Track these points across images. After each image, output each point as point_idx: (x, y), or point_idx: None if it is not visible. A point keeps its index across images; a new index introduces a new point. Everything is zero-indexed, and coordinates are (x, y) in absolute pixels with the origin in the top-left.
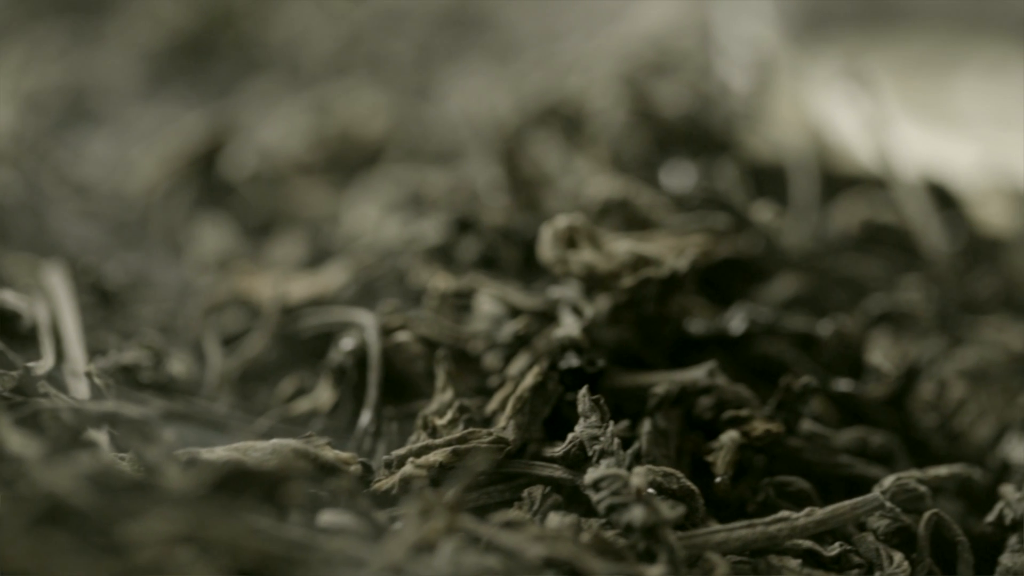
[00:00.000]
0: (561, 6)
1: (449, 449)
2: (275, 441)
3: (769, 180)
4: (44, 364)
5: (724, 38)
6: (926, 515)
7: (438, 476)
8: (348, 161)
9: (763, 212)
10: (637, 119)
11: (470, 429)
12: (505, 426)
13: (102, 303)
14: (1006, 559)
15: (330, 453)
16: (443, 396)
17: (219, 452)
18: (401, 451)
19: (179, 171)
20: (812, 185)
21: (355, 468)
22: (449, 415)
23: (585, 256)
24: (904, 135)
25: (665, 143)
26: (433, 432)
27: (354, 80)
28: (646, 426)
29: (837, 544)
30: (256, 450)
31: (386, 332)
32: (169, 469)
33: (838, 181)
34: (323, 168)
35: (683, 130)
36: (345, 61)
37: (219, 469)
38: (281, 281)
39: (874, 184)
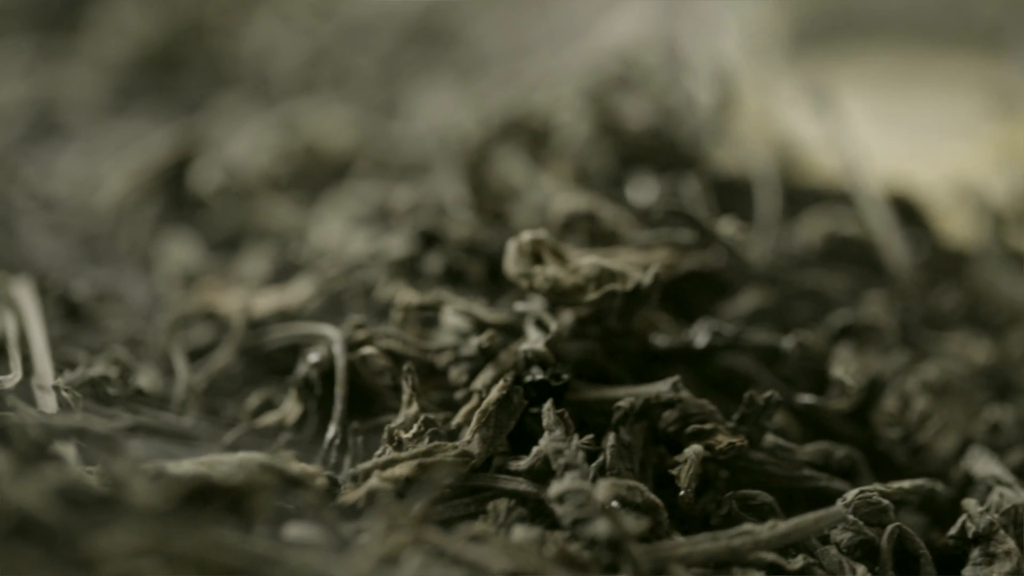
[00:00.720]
0: (528, 22)
1: (415, 463)
2: (242, 455)
3: (735, 195)
4: (12, 378)
5: (690, 53)
6: (889, 528)
7: (404, 489)
8: (315, 176)
9: (727, 226)
10: (602, 133)
11: (435, 443)
12: (470, 440)
13: (70, 317)
14: (968, 572)
15: (296, 467)
16: (409, 410)
17: (186, 466)
18: (367, 464)
19: (147, 186)
20: (776, 200)
21: (321, 481)
22: (415, 429)
23: (550, 270)
24: (868, 149)
25: (630, 157)
26: (399, 445)
27: (321, 95)
28: (610, 440)
29: (800, 557)
30: (223, 464)
31: (352, 346)
32: (136, 483)
33: (804, 196)
34: (290, 183)
35: (648, 144)
36: (312, 76)
37: (186, 483)
38: (248, 295)
39: (839, 198)
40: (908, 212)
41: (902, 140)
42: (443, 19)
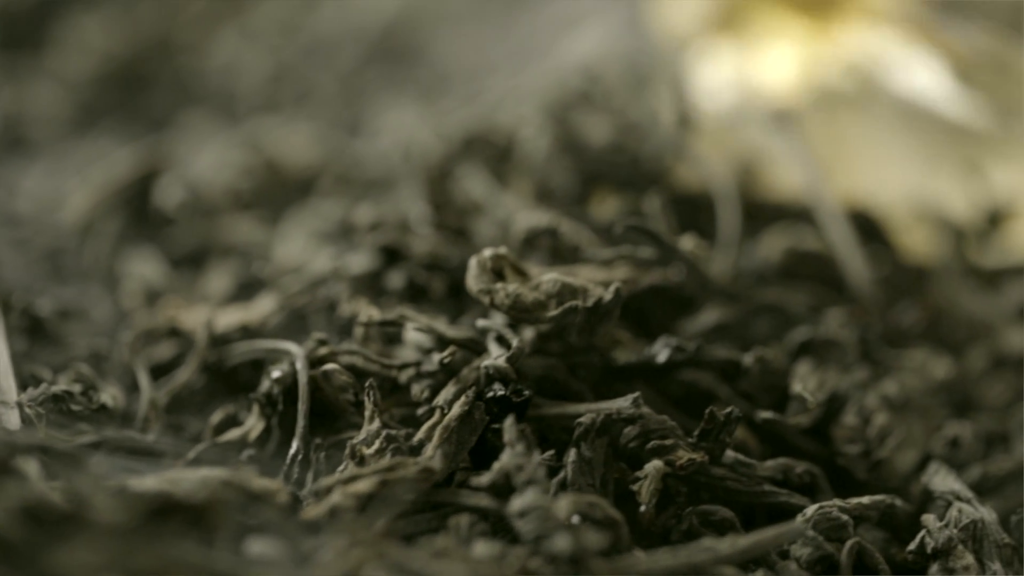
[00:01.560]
0: (491, 41)
1: (377, 478)
2: (204, 471)
3: (696, 211)
4: None
5: (652, 70)
6: (848, 543)
7: (366, 505)
8: (279, 193)
9: (688, 243)
10: (563, 149)
11: (397, 458)
12: (432, 455)
13: (34, 333)
14: None
15: (258, 483)
16: (371, 426)
17: (149, 482)
18: (329, 480)
19: (112, 202)
20: (737, 216)
21: (283, 497)
22: (377, 444)
23: (511, 287)
24: (829, 166)
25: (592, 174)
26: (361, 461)
27: (286, 113)
28: (571, 455)
29: (760, 572)
30: (185, 480)
31: (314, 362)
32: (99, 499)
33: (765, 212)
34: (255, 200)
35: (610, 160)
36: (277, 94)
37: (148, 500)
38: (211, 311)
39: (801, 215)
40: (868, 228)
41: (862, 156)
42: (407, 37)
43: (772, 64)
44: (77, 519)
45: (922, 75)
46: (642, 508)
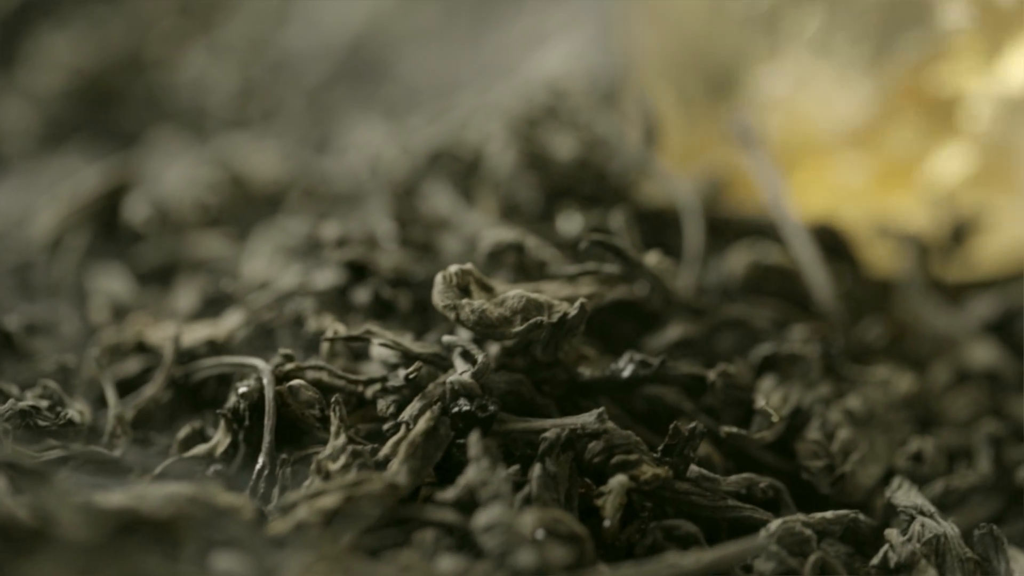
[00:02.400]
0: (458, 59)
1: (342, 493)
2: (170, 487)
3: (662, 226)
4: None
5: (618, 87)
6: (812, 558)
7: (331, 520)
8: (247, 210)
9: (653, 258)
10: (529, 164)
11: (363, 474)
12: (397, 471)
13: (1, 349)
14: None
15: (224, 498)
16: (336, 441)
17: (115, 498)
18: (295, 495)
19: (80, 219)
20: (702, 231)
21: (249, 513)
22: (342, 460)
23: (476, 302)
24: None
25: (558, 189)
26: (326, 476)
27: (254, 130)
28: (536, 470)
29: None
30: (152, 496)
31: (281, 378)
32: (65, 515)
33: (731, 228)
34: (222, 217)
35: (576, 176)
36: (245, 111)
37: (114, 516)
38: (179, 327)
39: (766, 231)
40: (832, 243)
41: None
42: (374, 54)
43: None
44: (43, 535)
45: None
46: (606, 523)
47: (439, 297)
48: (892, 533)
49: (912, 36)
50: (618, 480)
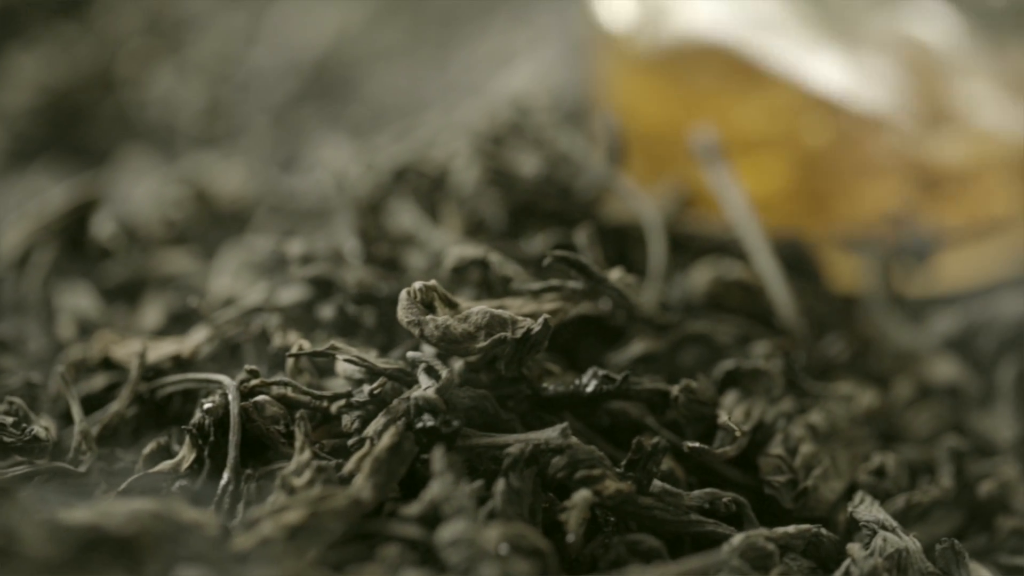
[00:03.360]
0: (425, 78)
1: (307, 509)
2: (135, 503)
3: (627, 243)
4: None
5: (585, 104)
6: (774, 573)
7: (296, 536)
8: (214, 227)
9: (616, 274)
10: (494, 180)
11: (327, 489)
12: (362, 486)
13: None
14: None
15: (189, 514)
16: (301, 456)
17: (80, 515)
18: (259, 511)
19: (48, 236)
20: (665, 248)
21: (213, 529)
22: (307, 475)
23: (440, 319)
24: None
25: (523, 205)
26: (291, 492)
27: (222, 148)
28: (500, 485)
29: None
30: (116, 512)
31: (246, 394)
32: (29, 532)
33: (696, 245)
34: (189, 234)
35: (541, 192)
36: (213, 129)
37: (78, 532)
38: (145, 343)
39: (730, 248)
40: (796, 260)
41: None
42: (341, 73)
43: None
44: (7, 551)
45: None
46: (570, 538)
47: (403, 313)
48: (854, 548)
49: None
50: (581, 495)
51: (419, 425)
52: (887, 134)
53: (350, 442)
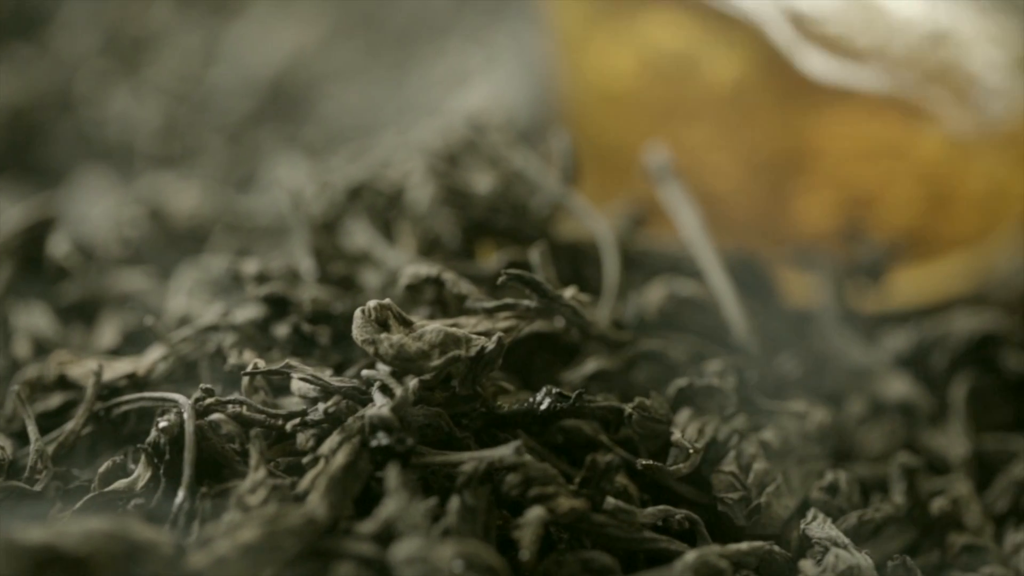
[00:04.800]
0: (381, 98)
1: (262, 527)
2: (90, 522)
3: (582, 261)
4: None
5: (539, 122)
6: None
7: (251, 554)
8: (170, 246)
9: (570, 292)
10: (449, 197)
11: (282, 507)
12: (317, 504)
13: None
14: None
15: (143, 533)
16: (256, 475)
17: (35, 534)
18: (215, 529)
19: (4, 256)
20: (618, 266)
21: (168, 548)
22: (262, 493)
23: (395, 337)
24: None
25: (477, 223)
26: (246, 510)
27: (178, 168)
28: (454, 503)
29: None
30: (71, 532)
31: (201, 412)
32: None
33: (651, 263)
34: (146, 253)
35: (495, 210)
36: (169, 150)
37: (33, 552)
38: (101, 363)
39: (684, 266)
40: (749, 277)
41: None
42: (298, 94)
43: None
44: None
45: None
46: (524, 555)
47: (358, 332)
48: (807, 565)
49: None
50: (535, 512)
51: (374, 443)
52: None
53: (305, 460)
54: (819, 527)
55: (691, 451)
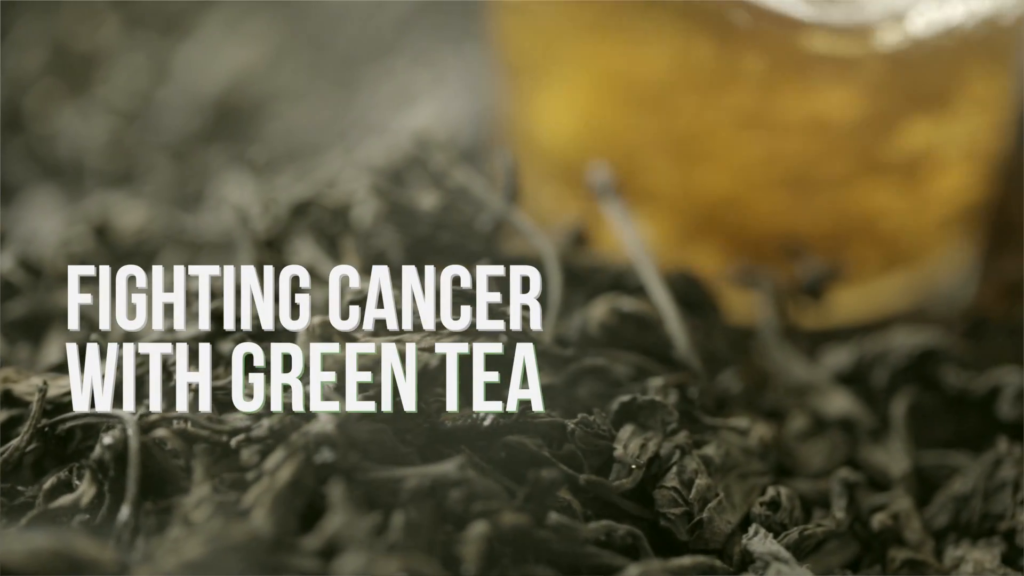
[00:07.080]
0: (328, 118)
1: (206, 543)
2: (35, 538)
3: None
4: None
5: (484, 143)
6: None
7: (195, 570)
8: (117, 263)
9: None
10: (392, 216)
11: (227, 523)
12: (261, 520)
13: None
14: None
15: (86, 549)
16: (200, 491)
17: None
18: (159, 546)
19: None
20: (560, 283)
21: (113, 564)
22: (206, 509)
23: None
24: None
25: (421, 240)
26: (190, 526)
27: (126, 186)
28: (398, 518)
29: None
30: (15, 548)
31: (146, 428)
32: None
33: (595, 280)
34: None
35: (439, 227)
36: (118, 168)
37: None
38: (46, 380)
39: (628, 282)
40: (692, 293)
41: None
42: (243, 114)
43: None
44: None
45: None
46: (467, 569)
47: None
48: None
49: None
50: (479, 527)
51: (318, 460)
52: None
53: (249, 476)
54: (761, 542)
55: (634, 467)
